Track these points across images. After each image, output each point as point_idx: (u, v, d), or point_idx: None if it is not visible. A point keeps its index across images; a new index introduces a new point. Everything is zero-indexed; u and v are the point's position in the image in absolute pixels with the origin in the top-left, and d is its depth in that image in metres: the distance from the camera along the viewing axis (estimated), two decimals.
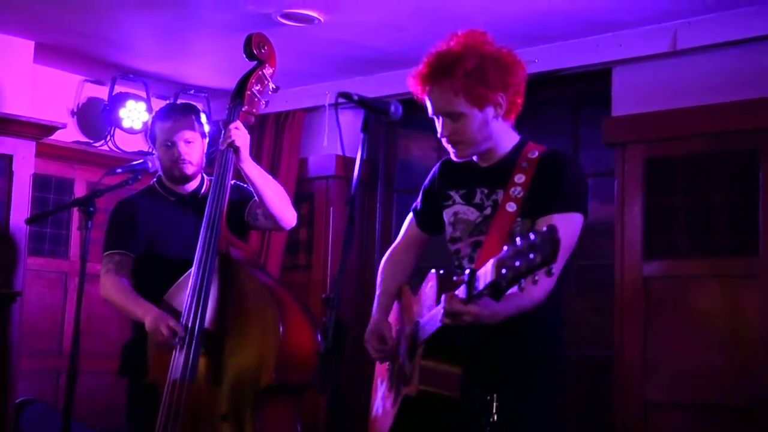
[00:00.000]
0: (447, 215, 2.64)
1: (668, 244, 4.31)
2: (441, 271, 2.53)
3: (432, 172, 2.77)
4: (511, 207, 2.44)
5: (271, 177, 3.32)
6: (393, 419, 2.56)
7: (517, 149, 2.55)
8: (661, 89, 4.42)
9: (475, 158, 2.60)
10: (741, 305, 4.08)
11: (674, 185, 4.32)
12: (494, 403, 2.34)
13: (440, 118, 2.53)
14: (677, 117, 4.32)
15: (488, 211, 2.53)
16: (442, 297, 2.24)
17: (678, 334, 4.23)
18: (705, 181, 4.22)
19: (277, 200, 3.27)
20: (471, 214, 2.57)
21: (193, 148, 3.39)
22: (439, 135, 2.55)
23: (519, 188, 2.47)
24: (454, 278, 2.39)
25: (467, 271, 2.18)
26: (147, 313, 3.17)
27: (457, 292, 2.23)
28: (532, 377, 2.49)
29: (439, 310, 2.27)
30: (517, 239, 1.98)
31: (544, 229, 1.92)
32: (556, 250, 1.90)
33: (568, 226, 2.41)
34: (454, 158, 2.57)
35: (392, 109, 2.39)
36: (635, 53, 4.49)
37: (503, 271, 1.99)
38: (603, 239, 4.65)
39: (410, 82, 2.57)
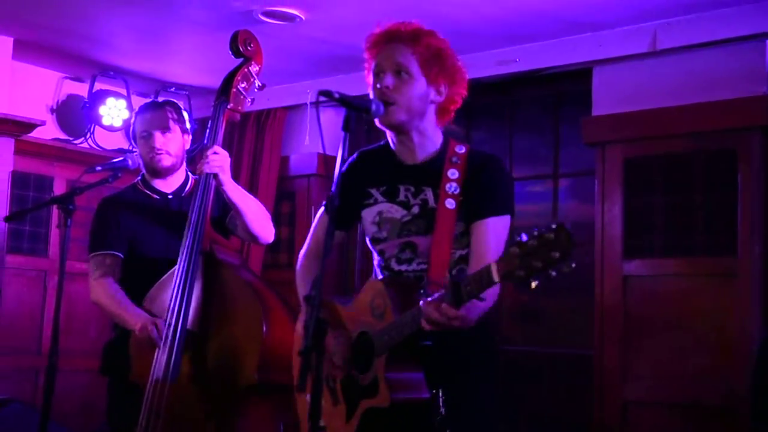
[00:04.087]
0: (370, 214, 2.57)
1: (647, 244, 4.33)
2: (381, 278, 2.51)
3: (348, 162, 2.67)
4: (450, 204, 2.43)
5: (251, 196, 3.33)
6: None
7: (444, 147, 2.54)
8: (641, 89, 4.44)
9: (393, 145, 2.57)
10: (719, 305, 4.09)
11: (653, 185, 4.34)
12: (440, 397, 2.30)
13: (385, 73, 2.47)
14: (656, 117, 4.34)
15: (416, 210, 2.49)
16: (421, 302, 2.20)
17: (657, 334, 4.25)
18: (684, 180, 4.24)
19: (257, 220, 3.30)
20: (396, 212, 2.52)
21: (169, 139, 3.39)
22: (372, 92, 2.48)
23: (455, 184, 2.45)
24: (424, 291, 2.27)
25: (448, 277, 2.16)
26: (137, 321, 3.16)
27: (435, 296, 2.17)
28: (475, 369, 2.47)
29: (414, 316, 2.22)
30: (522, 236, 1.98)
31: (553, 225, 1.94)
32: (573, 243, 1.94)
33: (502, 228, 2.45)
34: (378, 123, 2.49)
35: (373, 107, 2.39)
36: (615, 53, 4.50)
37: (520, 272, 1.97)
38: (583, 238, 4.67)
39: (370, 36, 2.55)
